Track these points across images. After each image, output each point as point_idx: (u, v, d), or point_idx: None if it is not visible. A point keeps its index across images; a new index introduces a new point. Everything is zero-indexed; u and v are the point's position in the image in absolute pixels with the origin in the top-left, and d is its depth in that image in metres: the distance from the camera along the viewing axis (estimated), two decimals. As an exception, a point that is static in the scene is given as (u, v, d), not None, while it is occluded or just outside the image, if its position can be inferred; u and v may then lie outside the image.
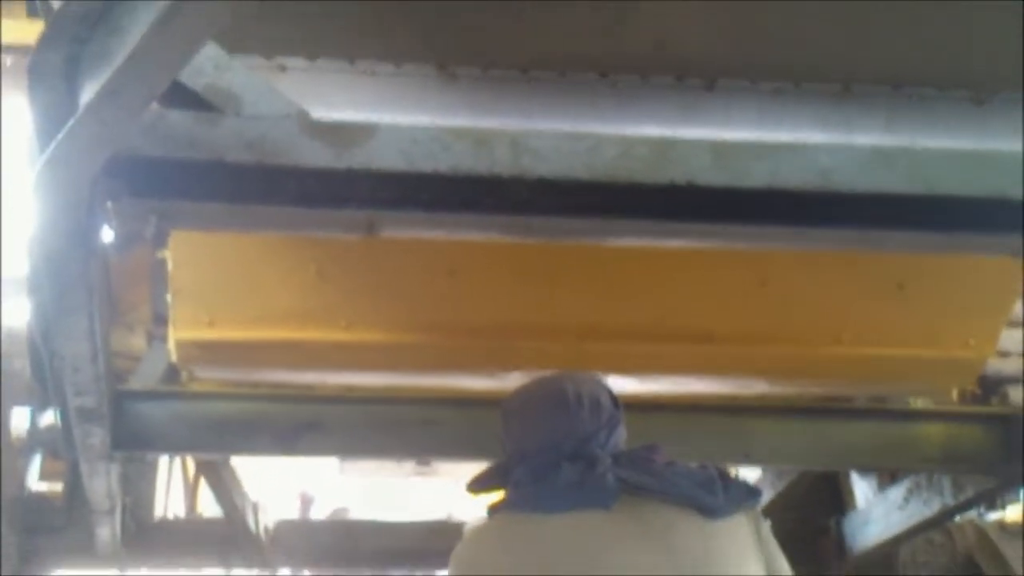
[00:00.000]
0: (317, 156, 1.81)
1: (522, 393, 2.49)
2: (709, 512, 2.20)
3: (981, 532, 4.83)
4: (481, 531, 2.34)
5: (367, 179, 1.87)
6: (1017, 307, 3.60)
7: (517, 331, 2.98)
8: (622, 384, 3.17)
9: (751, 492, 2.33)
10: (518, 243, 2.56)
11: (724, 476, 2.30)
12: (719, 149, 1.87)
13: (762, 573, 2.22)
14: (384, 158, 1.81)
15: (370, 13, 1.99)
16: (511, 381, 3.15)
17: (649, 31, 2.10)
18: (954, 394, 3.54)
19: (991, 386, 3.65)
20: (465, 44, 2.07)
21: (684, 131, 1.96)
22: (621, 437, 2.39)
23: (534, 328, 2.97)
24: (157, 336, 3.47)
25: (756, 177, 1.88)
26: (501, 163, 1.82)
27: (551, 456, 2.29)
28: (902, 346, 3.07)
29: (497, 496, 2.41)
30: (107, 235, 2.25)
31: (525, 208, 1.98)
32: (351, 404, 3.27)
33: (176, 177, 1.89)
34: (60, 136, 1.68)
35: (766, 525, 2.32)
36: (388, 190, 1.91)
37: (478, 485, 2.47)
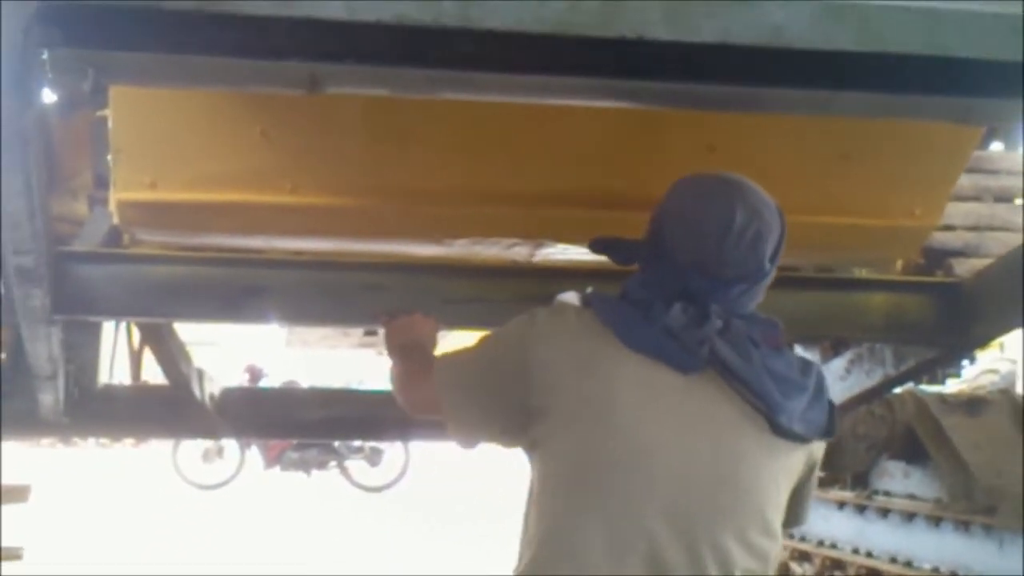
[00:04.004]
0: (258, 4, 1.76)
1: (694, 190, 2.22)
2: (775, 428, 2.07)
3: (921, 404, 4.93)
4: (570, 316, 2.18)
5: (310, 30, 1.83)
6: (963, 181, 3.63)
7: (465, 196, 2.95)
8: (572, 252, 3.18)
9: (829, 430, 2.16)
10: (468, 107, 2.52)
11: (820, 389, 2.16)
12: (670, 3, 1.83)
13: (783, 502, 2.13)
14: (327, 7, 1.76)
15: None
16: (458, 248, 3.15)
17: None
18: (899, 265, 3.57)
19: (936, 258, 3.69)
20: None
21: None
22: (757, 298, 2.20)
23: (482, 194, 2.95)
24: (99, 200, 3.43)
25: (707, 32, 1.84)
26: (448, 14, 1.78)
27: (677, 283, 2.13)
28: (848, 215, 3.09)
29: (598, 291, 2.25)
30: (48, 96, 2.20)
31: (472, 63, 1.95)
32: (296, 269, 3.25)
33: (113, 26, 1.85)
34: (-10, -22, 1.64)
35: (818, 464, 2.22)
36: (331, 42, 1.88)
37: (603, 246, 2.32)
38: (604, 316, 2.15)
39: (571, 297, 2.24)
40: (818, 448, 2.19)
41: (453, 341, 2.97)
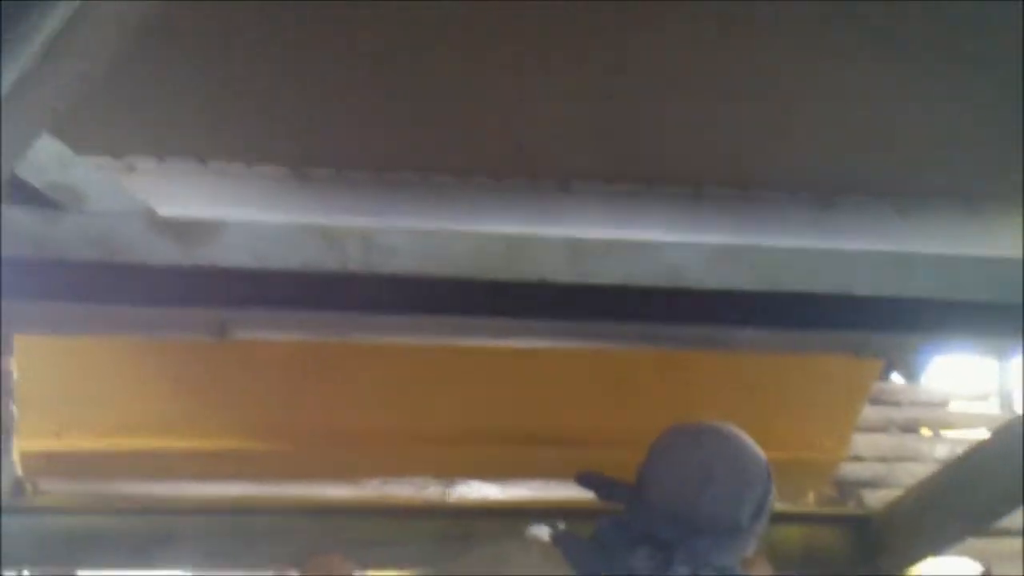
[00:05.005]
0: (164, 254, 1.78)
1: (676, 440, 2.17)
2: None
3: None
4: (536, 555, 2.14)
5: (217, 277, 1.84)
6: (870, 413, 3.69)
7: (375, 437, 2.95)
8: (486, 490, 3.17)
9: None
10: (376, 347, 2.54)
11: None
12: (572, 247, 1.88)
13: None
14: (233, 255, 1.78)
15: (220, 112, 1.97)
16: (370, 488, 3.12)
17: (506, 133, 2.11)
18: (811, 497, 3.59)
19: (848, 489, 3.71)
20: (318, 145, 2.06)
21: (539, 230, 1.96)
22: (733, 552, 2.13)
23: (393, 434, 2.95)
24: (3, 450, 3.36)
25: (607, 274, 1.89)
26: (352, 260, 1.81)
27: (649, 528, 2.08)
28: (755, 448, 3.11)
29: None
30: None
31: (378, 306, 1.97)
32: (206, 515, 3.17)
33: (18, 277, 1.84)
34: None
35: None
36: (238, 289, 1.89)
37: (588, 482, 2.22)
38: (569, 556, 2.10)
39: (541, 533, 2.21)
40: None
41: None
